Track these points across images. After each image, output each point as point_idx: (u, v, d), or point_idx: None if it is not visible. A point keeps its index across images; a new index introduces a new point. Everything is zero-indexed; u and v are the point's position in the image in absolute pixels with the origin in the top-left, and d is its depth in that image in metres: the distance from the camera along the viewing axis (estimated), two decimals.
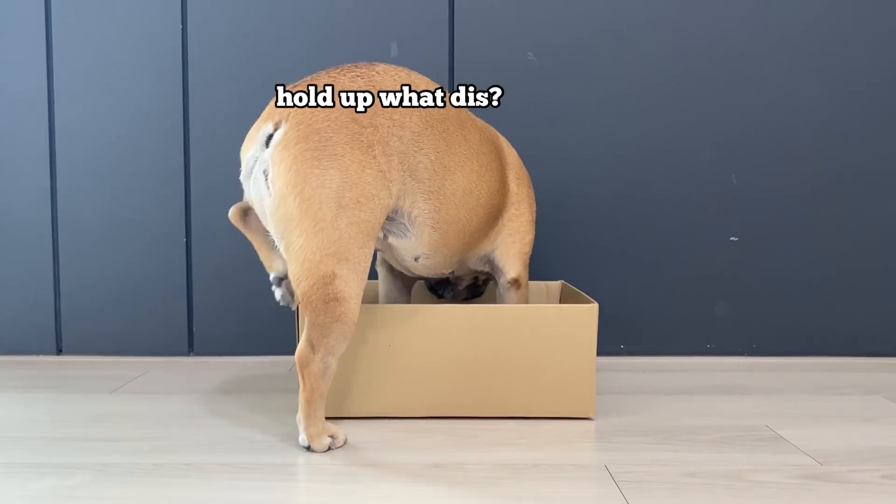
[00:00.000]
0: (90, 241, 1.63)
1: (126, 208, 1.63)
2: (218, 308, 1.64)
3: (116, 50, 1.61)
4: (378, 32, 1.59)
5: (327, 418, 1.16)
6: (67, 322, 1.65)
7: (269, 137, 1.01)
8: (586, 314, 1.16)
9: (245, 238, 1.58)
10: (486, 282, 1.41)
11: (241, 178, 1.07)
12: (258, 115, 1.57)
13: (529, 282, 1.53)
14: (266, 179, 0.99)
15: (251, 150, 1.03)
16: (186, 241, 1.63)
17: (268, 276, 1.16)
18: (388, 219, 1.09)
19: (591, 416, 1.17)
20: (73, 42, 1.61)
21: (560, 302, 1.52)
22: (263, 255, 1.15)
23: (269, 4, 1.59)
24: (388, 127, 1.04)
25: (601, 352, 1.19)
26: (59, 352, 1.66)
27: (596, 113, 1.60)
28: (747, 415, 1.21)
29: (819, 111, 1.59)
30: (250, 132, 1.07)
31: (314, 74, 1.08)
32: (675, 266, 1.62)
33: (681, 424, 1.15)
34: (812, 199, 1.61)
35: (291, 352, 1.57)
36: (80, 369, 1.54)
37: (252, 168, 1.03)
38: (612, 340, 1.62)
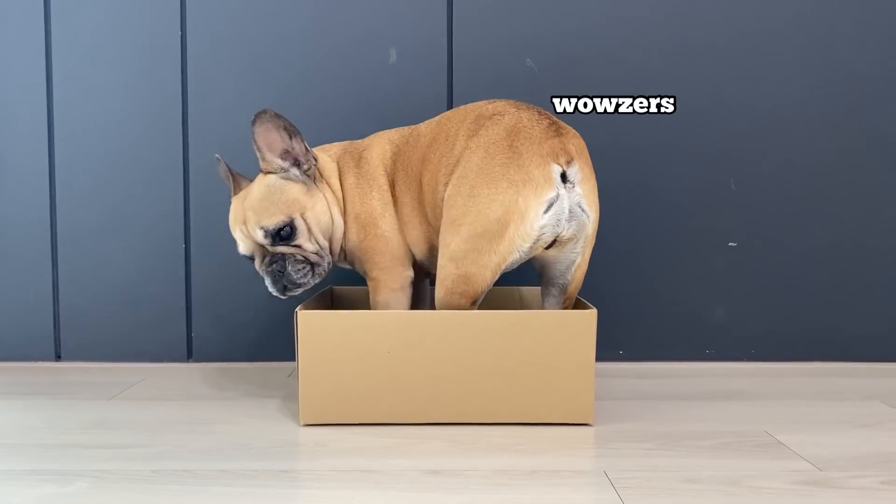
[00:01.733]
0: (89, 247, 1.63)
1: (125, 215, 1.63)
2: (216, 315, 1.64)
3: (115, 55, 1.61)
4: (377, 39, 1.59)
5: (324, 425, 1.15)
6: (66, 328, 1.64)
7: (563, 174, 1.11)
8: (585, 320, 1.15)
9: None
10: None
11: (550, 218, 1.12)
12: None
13: (530, 288, 1.54)
14: (584, 212, 1.15)
15: (553, 191, 1.10)
16: (185, 247, 1.63)
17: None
18: None
19: (589, 421, 1.17)
20: (71, 47, 1.61)
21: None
22: None
23: (268, 11, 1.59)
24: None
25: (600, 357, 1.18)
26: (58, 358, 1.65)
27: (594, 118, 1.60)
28: (746, 420, 1.20)
29: (818, 116, 1.59)
30: (536, 175, 1.10)
31: (530, 117, 1.17)
32: (674, 272, 1.62)
33: (680, 430, 1.15)
34: (810, 205, 1.61)
35: (290, 358, 1.58)
36: (79, 376, 1.54)
37: (565, 207, 1.12)
38: (611, 346, 1.62)
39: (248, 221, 1.23)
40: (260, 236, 1.22)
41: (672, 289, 1.62)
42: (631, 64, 1.59)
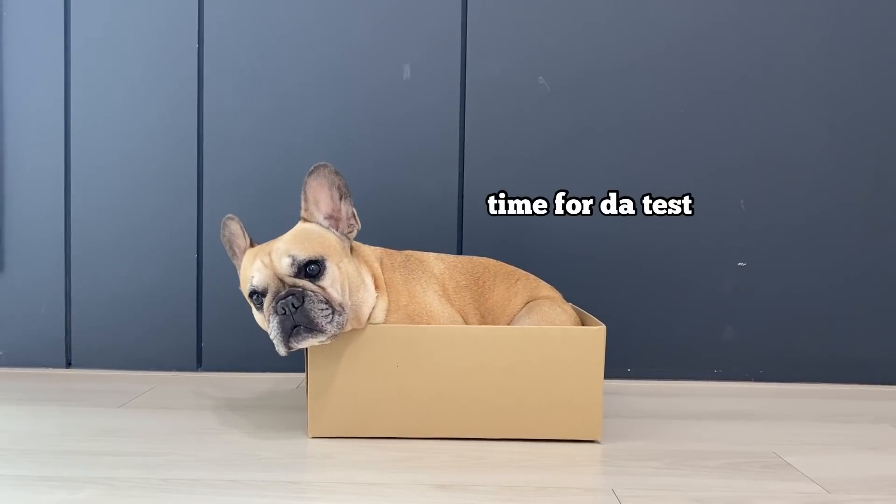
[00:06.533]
0: (101, 255, 1.65)
1: (138, 224, 1.64)
2: (227, 324, 1.65)
3: (132, 64, 1.63)
4: (391, 55, 1.61)
5: (332, 438, 1.15)
6: (77, 336, 1.66)
7: None
8: (594, 336, 1.16)
9: None
10: None
11: None
12: (273, 133, 1.59)
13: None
14: None
15: None
16: (197, 256, 1.64)
17: None
18: None
19: (597, 438, 1.17)
20: (90, 56, 1.63)
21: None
22: None
23: (284, 26, 1.61)
24: None
25: (607, 375, 1.19)
26: (69, 365, 1.66)
27: (606, 137, 1.61)
28: (754, 441, 1.20)
29: (827, 137, 1.60)
30: None
31: None
32: (683, 290, 1.62)
33: (688, 449, 1.15)
34: (820, 226, 1.61)
35: (300, 368, 1.60)
36: (89, 383, 1.54)
37: None
38: (619, 363, 1.62)
39: (273, 252, 1.12)
40: (285, 264, 1.11)
41: (681, 308, 1.63)
42: (642, 86, 1.60)
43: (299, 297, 1.09)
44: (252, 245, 1.23)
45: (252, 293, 1.14)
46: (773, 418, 1.34)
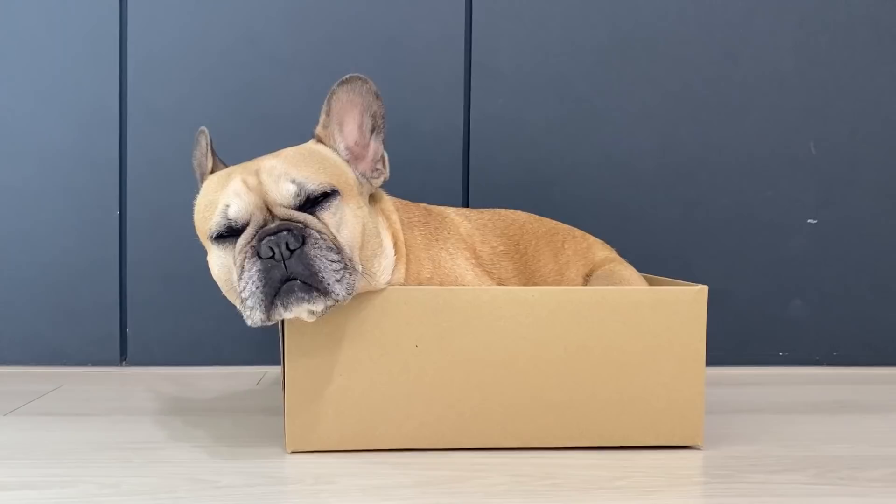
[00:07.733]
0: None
1: (51, 181, 1.45)
2: (160, 303, 1.47)
3: (53, 58, 1.43)
4: (394, 54, 1.52)
5: (319, 453, 0.92)
6: None
7: None
8: (694, 300, 0.91)
9: (189, 226, 1.35)
10: None
11: None
12: (251, 125, 1.42)
13: None
14: None
15: None
16: (120, 213, 1.43)
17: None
18: None
19: (698, 444, 0.95)
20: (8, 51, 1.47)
21: None
22: None
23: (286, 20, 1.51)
24: None
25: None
26: None
27: (608, 130, 1.53)
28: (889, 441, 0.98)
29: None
30: None
31: None
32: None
33: (822, 454, 0.90)
34: None
35: (263, 360, 1.47)
36: None
37: None
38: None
39: (264, 172, 0.84)
40: (285, 191, 0.83)
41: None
42: (648, 75, 1.52)
43: (298, 236, 0.79)
44: (214, 168, 0.95)
45: (222, 230, 0.82)
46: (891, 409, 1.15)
